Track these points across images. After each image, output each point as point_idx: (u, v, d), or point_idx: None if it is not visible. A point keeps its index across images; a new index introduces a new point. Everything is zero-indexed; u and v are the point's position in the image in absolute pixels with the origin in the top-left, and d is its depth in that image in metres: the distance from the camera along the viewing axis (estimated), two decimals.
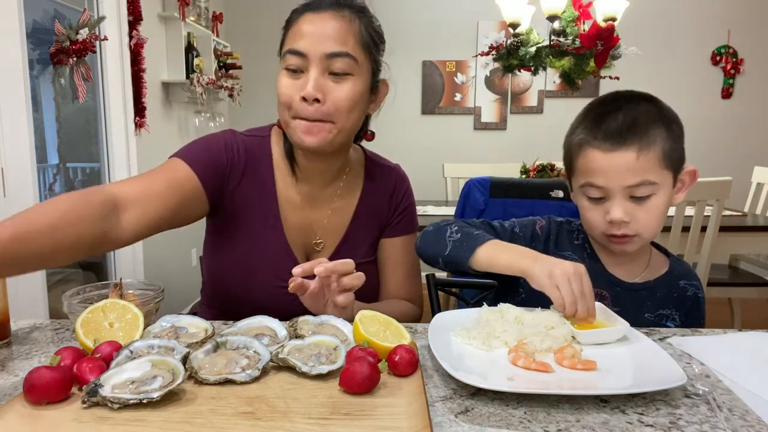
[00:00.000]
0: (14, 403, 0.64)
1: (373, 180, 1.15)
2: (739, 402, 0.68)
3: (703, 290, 1.04)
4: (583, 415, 0.64)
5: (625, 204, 0.92)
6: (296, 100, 0.96)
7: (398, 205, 1.16)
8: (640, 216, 0.92)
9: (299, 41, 0.95)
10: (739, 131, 4.13)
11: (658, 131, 0.92)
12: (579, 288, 0.81)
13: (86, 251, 0.83)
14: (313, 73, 0.95)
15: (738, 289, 2.64)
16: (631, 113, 0.93)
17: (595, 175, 0.93)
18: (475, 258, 0.93)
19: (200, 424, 0.60)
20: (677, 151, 0.94)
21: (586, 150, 0.94)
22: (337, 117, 0.96)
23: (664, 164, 0.92)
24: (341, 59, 0.95)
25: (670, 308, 1.01)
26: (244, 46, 3.98)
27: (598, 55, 2.55)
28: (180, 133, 3.40)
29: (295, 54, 0.95)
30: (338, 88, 0.96)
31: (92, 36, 2.22)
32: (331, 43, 0.94)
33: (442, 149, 4.20)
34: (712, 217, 2.15)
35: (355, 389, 0.67)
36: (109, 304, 0.82)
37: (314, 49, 0.94)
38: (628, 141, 0.90)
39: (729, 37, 4.04)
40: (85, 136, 2.71)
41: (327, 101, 0.95)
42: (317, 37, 0.95)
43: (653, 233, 0.95)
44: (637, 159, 0.90)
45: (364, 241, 1.12)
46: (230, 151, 1.05)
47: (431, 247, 1.01)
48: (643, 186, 0.90)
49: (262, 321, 0.85)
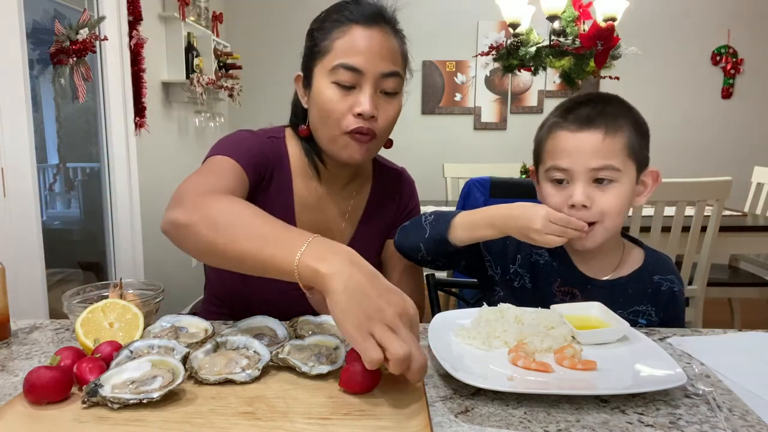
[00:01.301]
0: (14, 403, 0.64)
1: (380, 183, 1.17)
2: (739, 402, 0.68)
3: (681, 284, 1.01)
4: (583, 415, 0.64)
5: (587, 188, 0.92)
6: (349, 116, 0.95)
7: (405, 208, 1.18)
8: (601, 201, 0.91)
9: (354, 57, 0.94)
10: (739, 131, 4.12)
11: (624, 122, 0.93)
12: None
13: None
14: (369, 90, 0.95)
15: (738, 289, 2.63)
16: (601, 105, 0.95)
17: (561, 156, 0.93)
18: (453, 228, 0.96)
19: (200, 424, 0.60)
20: (642, 149, 0.95)
21: (555, 132, 0.95)
22: (383, 133, 0.99)
23: (628, 153, 0.92)
24: (393, 79, 0.97)
25: (644, 304, 0.99)
26: (244, 46, 3.98)
27: (598, 55, 2.55)
28: (180, 133, 3.40)
29: (351, 70, 0.94)
30: (388, 107, 0.98)
31: (92, 36, 2.21)
32: (386, 63, 0.96)
33: (442, 149, 4.20)
34: (712, 217, 2.15)
35: (355, 389, 0.67)
36: (109, 304, 0.82)
37: (371, 67, 0.94)
38: (596, 124, 0.92)
39: (729, 37, 4.04)
40: (85, 136, 2.71)
41: (379, 119, 0.97)
42: (373, 55, 0.94)
43: (615, 224, 0.94)
44: (602, 141, 0.91)
45: (372, 243, 1.14)
46: (265, 152, 1.05)
47: (411, 236, 1.02)
48: (607, 170, 0.91)
49: (262, 321, 0.85)
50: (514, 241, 1.01)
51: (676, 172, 4.01)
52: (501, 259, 1.06)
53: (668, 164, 4.11)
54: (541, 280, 1.03)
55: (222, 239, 0.75)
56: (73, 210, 2.80)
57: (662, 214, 2.12)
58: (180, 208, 0.81)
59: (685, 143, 4.13)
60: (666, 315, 1.00)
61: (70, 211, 2.80)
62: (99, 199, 2.73)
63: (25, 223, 1.97)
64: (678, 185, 2.10)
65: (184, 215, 0.79)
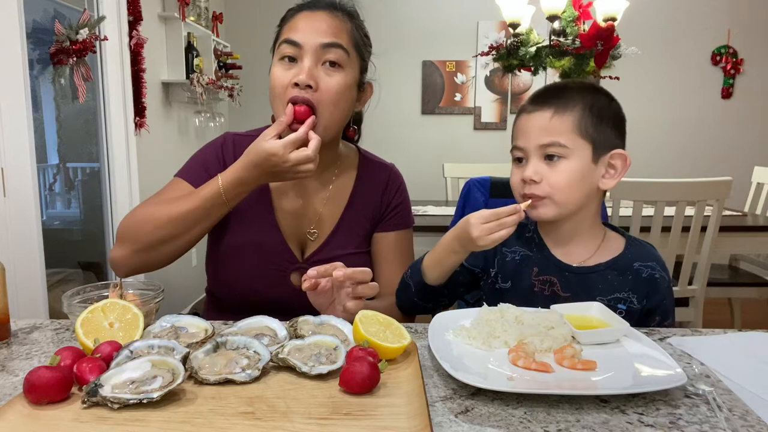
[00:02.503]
0: (14, 403, 0.64)
1: (364, 174, 1.19)
2: (739, 402, 0.68)
3: (664, 272, 1.00)
4: (583, 415, 0.64)
5: (537, 164, 0.96)
6: (289, 88, 1.00)
7: (390, 202, 1.19)
8: (549, 176, 0.95)
9: (294, 33, 1.01)
10: (739, 131, 4.12)
11: (577, 103, 0.96)
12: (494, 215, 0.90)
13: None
14: (307, 62, 1.00)
15: (738, 289, 2.63)
16: (561, 89, 1.00)
17: (518, 136, 1.00)
18: (425, 273, 1.01)
19: (200, 424, 0.60)
20: (599, 132, 0.96)
21: (518, 116, 1.02)
22: (324, 106, 1.00)
23: (578, 132, 0.95)
24: (334, 50, 1.01)
25: (625, 291, 0.99)
26: (244, 46, 3.98)
27: (598, 55, 2.55)
28: (180, 133, 3.40)
29: (290, 43, 1.01)
30: (330, 79, 1.01)
31: (92, 36, 2.21)
32: (326, 35, 1.01)
33: (442, 149, 4.20)
34: (712, 217, 2.15)
35: (355, 389, 0.67)
36: (109, 304, 0.82)
37: (309, 39, 1.00)
38: (547, 104, 0.97)
39: (729, 37, 4.04)
40: (85, 136, 2.71)
41: (319, 89, 1.00)
42: (313, 29, 1.01)
43: (566, 198, 0.96)
44: (550, 119, 0.95)
45: (355, 232, 1.15)
46: (222, 150, 1.13)
47: (403, 296, 1.08)
48: (554, 146, 0.95)
49: (262, 321, 0.85)
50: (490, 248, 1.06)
51: (676, 172, 4.03)
52: (485, 267, 1.08)
53: (668, 164, 4.11)
54: (519, 275, 1.03)
55: (148, 238, 1.02)
56: (73, 210, 2.80)
57: (662, 214, 2.12)
58: (114, 248, 1.06)
59: (685, 143, 4.13)
60: (649, 303, 0.99)
61: (70, 211, 2.80)
62: (99, 199, 2.73)
63: (25, 223, 1.97)
64: (678, 185, 2.10)
65: (116, 252, 1.05)
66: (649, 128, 4.07)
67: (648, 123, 4.06)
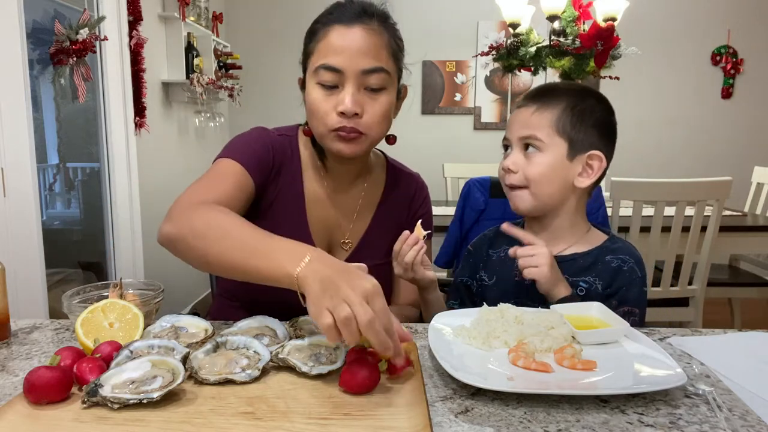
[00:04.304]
0: (14, 403, 0.64)
1: (394, 186, 1.19)
2: (739, 402, 0.68)
3: (637, 266, 1.02)
4: (583, 415, 0.64)
5: (517, 155, 1.02)
6: (332, 115, 0.97)
7: (416, 212, 1.20)
8: (525, 168, 1.01)
9: (333, 57, 0.95)
10: (739, 131, 4.12)
11: (560, 104, 1.01)
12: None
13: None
14: (351, 89, 0.96)
15: (738, 289, 2.63)
16: (552, 89, 1.06)
17: (507, 128, 1.07)
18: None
19: (200, 424, 0.60)
20: (578, 132, 1.00)
21: (511, 111, 1.08)
22: (371, 129, 0.99)
23: (555, 129, 1.00)
24: (377, 75, 0.97)
25: (592, 276, 1.01)
26: (244, 46, 3.98)
27: (598, 55, 2.55)
28: (180, 133, 3.40)
29: (331, 70, 0.95)
30: (374, 103, 0.98)
31: (92, 36, 2.21)
32: (368, 59, 0.96)
33: (442, 149, 4.20)
34: (712, 217, 2.15)
35: (355, 389, 0.67)
36: (109, 304, 0.82)
37: (351, 66, 0.95)
38: (534, 100, 1.03)
39: (729, 37, 4.04)
40: (85, 136, 2.71)
41: (364, 115, 0.97)
42: (352, 53, 0.95)
43: (542, 191, 1.01)
44: (531, 115, 1.02)
45: (382, 244, 1.14)
46: (273, 150, 1.07)
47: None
48: (531, 139, 1.01)
49: (262, 321, 0.85)
50: (478, 255, 1.14)
51: (676, 172, 4.03)
52: (471, 275, 1.14)
53: (668, 164, 4.11)
54: (503, 269, 1.08)
55: (212, 251, 0.80)
56: (73, 210, 2.81)
57: (662, 214, 2.12)
58: (170, 222, 0.86)
59: (685, 143, 4.13)
60: (611, 289, 1.01)
61: (70, 211, 2.80)
62: (99, 199, 2.73)
63: (25, 223, 1.97)
64: (678, 185, 2.10)
65: (173, 229, 0.85)
66: (649, 128, 4.07)
67: (648, 123, 4.06)
